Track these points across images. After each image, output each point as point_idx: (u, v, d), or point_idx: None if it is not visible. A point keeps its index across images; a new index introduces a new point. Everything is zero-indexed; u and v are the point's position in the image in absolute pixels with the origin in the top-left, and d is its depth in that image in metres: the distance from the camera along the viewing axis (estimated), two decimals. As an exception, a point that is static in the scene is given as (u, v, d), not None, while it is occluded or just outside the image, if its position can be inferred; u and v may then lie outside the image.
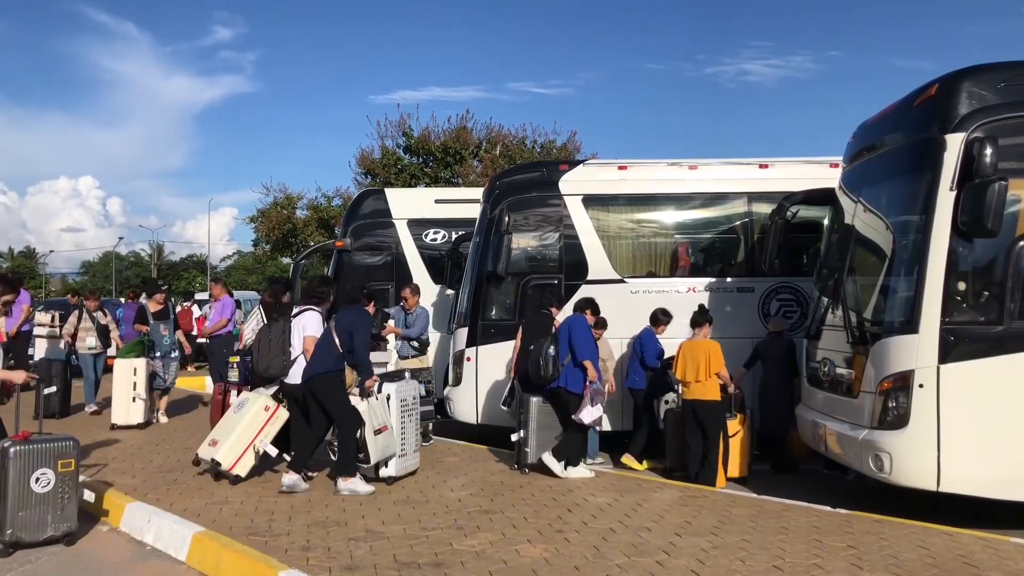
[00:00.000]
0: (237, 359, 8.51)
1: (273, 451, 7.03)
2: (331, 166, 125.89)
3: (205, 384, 13.81)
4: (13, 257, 73.17)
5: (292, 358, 6.90)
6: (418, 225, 12.24)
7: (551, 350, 7.20)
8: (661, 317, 8.63)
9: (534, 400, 7.48)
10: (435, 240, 12.26)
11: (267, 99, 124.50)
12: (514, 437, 7.49)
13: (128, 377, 9.68)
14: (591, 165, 10.48)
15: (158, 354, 10.25)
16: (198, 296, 21.01)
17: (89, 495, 5.95)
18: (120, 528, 5.92)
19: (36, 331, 11.53)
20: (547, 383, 7.32)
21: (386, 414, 6.87)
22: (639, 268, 9.54)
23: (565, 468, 7.26)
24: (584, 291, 9.03)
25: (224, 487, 6.64)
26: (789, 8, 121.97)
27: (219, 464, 6.74)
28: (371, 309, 7.63)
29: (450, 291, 11.23)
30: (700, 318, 7.95)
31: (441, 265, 11.87)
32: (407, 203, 12.69)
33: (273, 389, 7.25)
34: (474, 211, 10.26)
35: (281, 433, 7.13)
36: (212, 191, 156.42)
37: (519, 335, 7.99)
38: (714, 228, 9.80)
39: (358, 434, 6.64)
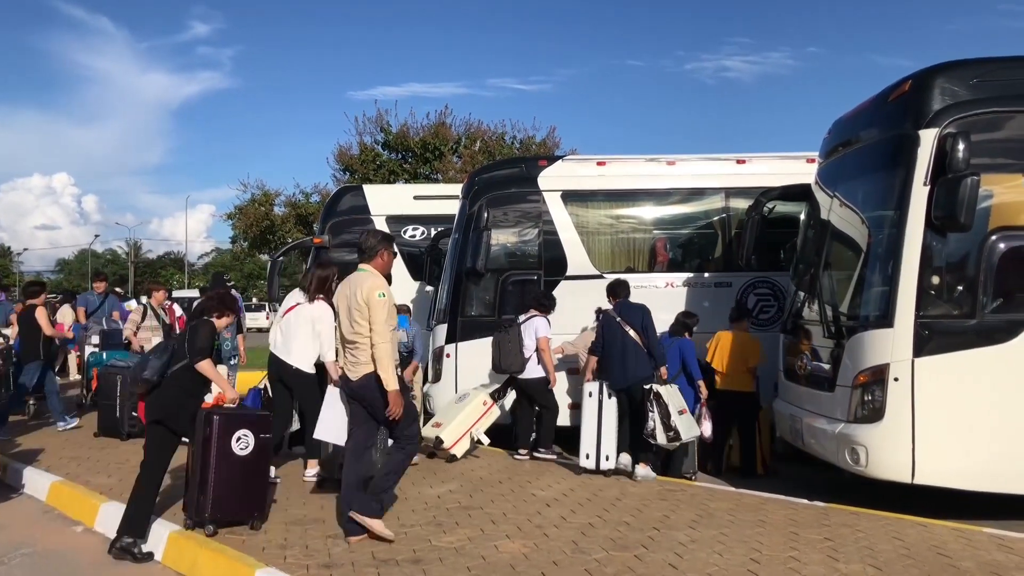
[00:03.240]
0: None
1: (486, 440, 7.87)
2: (309, 162, 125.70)
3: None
4: (-14, 255, 72.06)
5: (526, 357, 7.83)
6: (397, 221, 12.17)
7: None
8: (687, 321, 8.10)
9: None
10: (414, 236, 12.20)
11: (245, 95, 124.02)
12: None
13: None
14: (570, 161, 10.45)
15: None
16: (177, 294, 20.78)
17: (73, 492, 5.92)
18: (95, 529, 5.86)
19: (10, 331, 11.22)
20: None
21: (680, 398, 7.21)
22: (618, 264, 9.55)
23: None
24: (563, 287, 9.05)
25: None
26: (769, 5, 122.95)
27: (442, 442, 7.56)
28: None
29: (429, 288, 11.19)
30: (737, 313, 8.26)
31: (420, 262, 11.82)
32: (386, 199, 12.62)
33: (493, 388, 8.25)
34: (453, 207, 10.21)
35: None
36: (189, 188, 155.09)
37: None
38: (692, 223, 9.83)
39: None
